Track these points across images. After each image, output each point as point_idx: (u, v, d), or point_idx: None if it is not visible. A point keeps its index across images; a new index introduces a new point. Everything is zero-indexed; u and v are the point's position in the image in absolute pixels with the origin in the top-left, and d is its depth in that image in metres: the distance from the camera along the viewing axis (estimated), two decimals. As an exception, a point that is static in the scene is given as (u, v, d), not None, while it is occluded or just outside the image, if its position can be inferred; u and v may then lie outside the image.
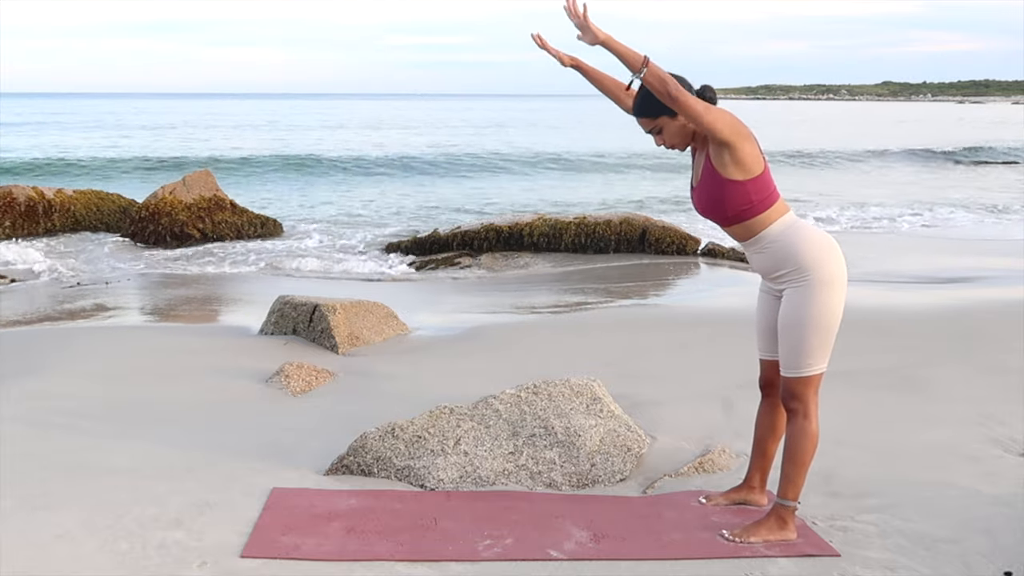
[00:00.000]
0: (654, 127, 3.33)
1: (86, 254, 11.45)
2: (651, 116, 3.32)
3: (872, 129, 49.93)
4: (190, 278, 10.08)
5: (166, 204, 12.55)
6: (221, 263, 11.10)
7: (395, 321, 6.73)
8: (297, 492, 3.73)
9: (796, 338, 3.27)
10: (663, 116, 3.29)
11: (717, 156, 3.23)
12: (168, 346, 6.27)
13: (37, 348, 6.18)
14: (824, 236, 3.34)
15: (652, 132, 3.36)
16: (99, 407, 4.88)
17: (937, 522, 3.49)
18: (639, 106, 3.34)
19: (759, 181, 3.24)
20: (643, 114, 3.33)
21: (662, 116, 3.29)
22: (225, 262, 11.16)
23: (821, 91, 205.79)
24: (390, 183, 21.83)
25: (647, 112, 3.32)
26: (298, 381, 5.36)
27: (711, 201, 3.31)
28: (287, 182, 21.36)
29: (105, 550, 3.16)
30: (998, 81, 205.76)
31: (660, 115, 3.29)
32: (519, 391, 4.13)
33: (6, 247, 11.37)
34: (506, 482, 3.87)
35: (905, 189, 21.54)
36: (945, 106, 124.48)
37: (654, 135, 3.36)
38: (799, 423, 3.33)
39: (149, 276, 10.22)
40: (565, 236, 11.65)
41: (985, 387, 5.26)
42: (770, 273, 3.37)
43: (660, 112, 3.29)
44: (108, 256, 11.36)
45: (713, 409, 4.84)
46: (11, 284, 9.46)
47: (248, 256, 11.55)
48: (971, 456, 4.24)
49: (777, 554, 3.24)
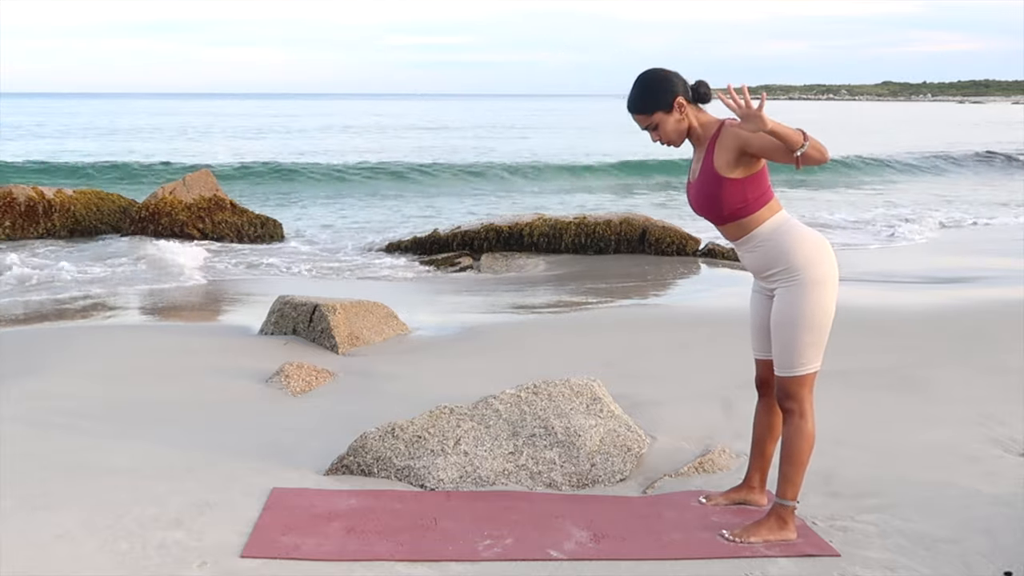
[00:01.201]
0: (650, 123, 3.33)
1: (86, 254, 11.44)
2: (646, 113, 3.32)
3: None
4: (190, 278, 10.07)
5: (166, 204, 12.55)
6: (221, 263, 11.09)
7: (395, 321, 6.73)
8: (297, 492, 3.73)
9: (789, 337, 3.27)
10: (658, 112, 3.29)
11: (728, 157, 3.22)
12: (168, 346, 6.27)
13: (37, 348, 6.18)
14: (816, 235, 3.33)
15: (648, 129, 3.35)
16: (99, 407, 4.88)
17: (937, 522, 3.49)
18: (633, 102, 3.33)
19: (755, 179, 3.25)
20: (638, 111, 3.33)
21: (657, 112, 3.29)
22: (225, 262, 11.15)
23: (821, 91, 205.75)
24: (389, 183, 21.81)
25: (642, 109, 3.32)
26: (298, 381, 5.36)
27: (707, 198, 3.31)
28: (286, 183, 21.31)
29: (105, 550, 3.16)
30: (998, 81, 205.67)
31: (655, 111, 3.29)
32: (519, 391, 4.13)
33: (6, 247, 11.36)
34: (506, 482, 3.87)
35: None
36: (947, 106, 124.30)
37: (650, 132, 3.36)
38: (795, 423, 3.33)
39: (149, 276, 10.21)
40: (565, 236, 11.65)
41: (985, 387, 5.27)
42: (762, 272, 3.37)
43: (655, 108, 3.28)
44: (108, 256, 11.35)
45: (713, 409, 4.84)
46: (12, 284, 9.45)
47: (248, 256, 11.55)
48: (971, 456, 4.24)
49: (777, 554, 3.24)
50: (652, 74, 3.33)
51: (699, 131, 3.32)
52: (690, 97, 3.31)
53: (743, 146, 3.18)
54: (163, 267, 10.34)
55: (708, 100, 3.34)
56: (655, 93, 3.29)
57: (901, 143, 34.96)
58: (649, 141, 3.43)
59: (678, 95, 3.28)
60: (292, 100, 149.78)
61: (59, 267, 10.21)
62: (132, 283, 9.66)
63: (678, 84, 3.30)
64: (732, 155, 3.21)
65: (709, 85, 3.33)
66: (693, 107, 3.32)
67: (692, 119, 3.31)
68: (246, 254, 11.68)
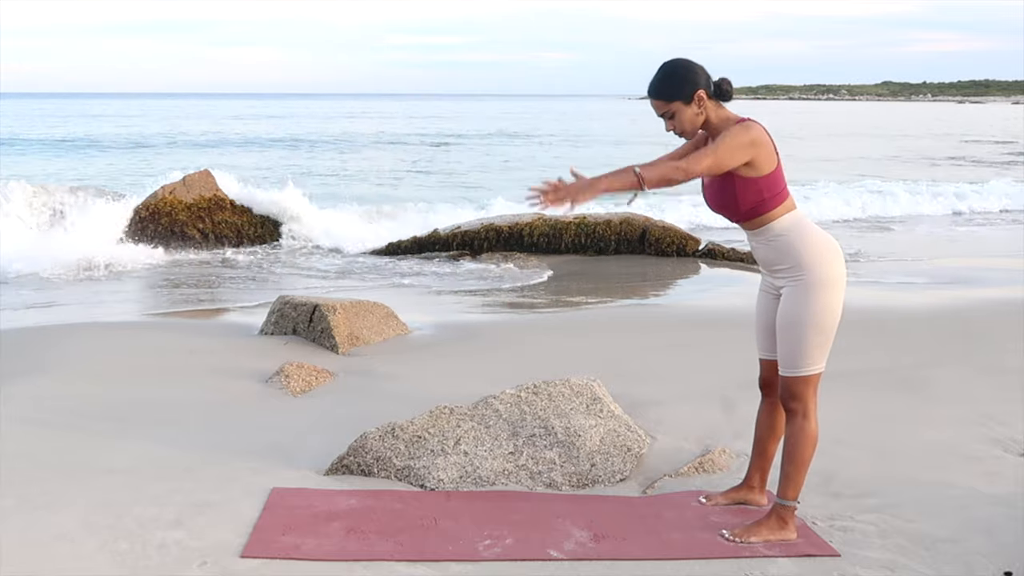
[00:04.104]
0: (667, 111, 3.31)
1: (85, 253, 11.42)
2: (665, 99, 3.30)
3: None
4: (190, 278, 10.08)
5: (166, 204, 12.53)
6: (221, 263, 11.09)
7: (395, 321, 6.73)
8: (297, 492, 3.73)
9: (795, 337, 3.27)
10: (677, 102, 3.28)
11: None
12: (168, 346, 6.26)
13: (37, 348, 6.18)
14: (827, 237, 3.34)
15: (664, 116, 3.34)
16: (99, 407, 4.88)
17: (937, 522, 3.49)
18: (655, 87, 3.31)
19: (771, 178, 3.25)
20: (658, 96, 3.31)
21: (676, 102, 3.28)
22: (225, 262, 11.15)
23: (821, 91, 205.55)
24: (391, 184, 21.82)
25: (662, 95, 3.30)
26: (298, 381, 5.36)
27: (724, 197, 3.31)
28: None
29: (105, 550, 3.16)
30: (998, 81, 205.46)
31: (675, 100, 3.28)
32: (519, 391, 4.13)
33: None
34: (506, 482, 3.87)
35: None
36: (947, 106, 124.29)
37: (665, 119, 3.34)
38: (798, 423, 3.33)
39: (149, 276, 10.21)
40: (565, 236, 11.64)
41: (985, 387, 5.27)
42: (771, 265, 3.37)
43: (675, 97, 3.27)
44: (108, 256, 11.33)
45: (713, 409, 4.84)
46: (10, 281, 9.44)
47: (248, 256, 11.54)
48: (971, 456, 4.25)
49: (777, 554, 3.24)
50: (677, 63, 3.32)
51: (716, 127, 3.31)
52: (711, 92, 3.30)
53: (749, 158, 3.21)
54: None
55: (729, 98, 3.32)
56: (677, 82, 3.28)
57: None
58: (652, 138, 3.43)
59: (699, 88, 3.27)
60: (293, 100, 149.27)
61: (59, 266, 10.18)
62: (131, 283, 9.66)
63: (701, 77, 3.28)
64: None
65: (732, 83, 3.33)
66: (713, 103, 3.31)
67: (711, 114, 3.30)
68: (246, 254, 11.69)
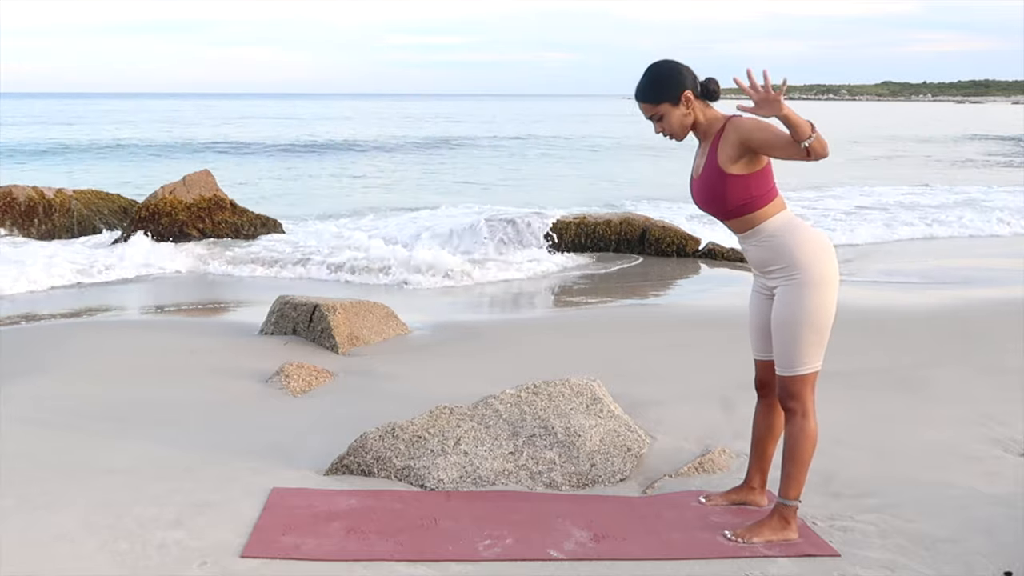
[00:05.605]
0: (655, 113, 3.32)
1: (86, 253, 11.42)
2: (652, 102, 3.30)
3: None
4: (190, 278, 10.07)
5: (166, 204, 12.53)
6: (221, 263, 11.08)
7: (395, 321, 6.73)
8: (297, 492, 3.73)
9: (790, 336, 3.27)
10: (665, 104, 3.28)
11: (730, 152, 3.21)
12: (168, 346, 6.27)
13: (37, 347, 6.18)
14: (820, 236, 3.34)
15: (653, 119, 3.34)
16: (99, 407, 4.88)
17: (937, 522, 3.49)
18: (641, 91, 3.32)
19: (760, 176, 3.24)
20: (645, 100, 3.32)
21: (664, 104, 3.28)
22: (225, 262, 11.14)
23: (821, 91, 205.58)
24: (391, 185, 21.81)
25: (649, 98, 3.31)
26: (298, 381, 5.36)
27: (712, 194, 3.30)
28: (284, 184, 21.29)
29: (105, 550, 3.16)
30: (998, 81, 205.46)
31: (662, 103, 3.29)
32: (519, 391, 4.13)
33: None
34: (506, 482, 3.87)
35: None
36: (946, 106, 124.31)
37: (654, 122, 3.35)
38: (798, 422, 3.33)
39: (149, 276, 10.21)
40: (565, 236, 11.64)
41: (985, 387, 5.27)
42: (764, 267, 3.37)
43: (662, 100, 3.28)
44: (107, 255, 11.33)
45: (713, 409, 4.84)
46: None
47: (248, 256, 11.53)
48: (971, 456, 4.24)
49: (777, 554, 3.24)
50: (663, 65, 3.33)
51: (704, 127, 3.31)
52: (698, 92, 3.30)
53: (745, 141, 3.17)
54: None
55: (716, 98, 3.33)
56: (663, 84, 3.28)
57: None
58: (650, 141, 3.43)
59: (686, 89, 3.27)
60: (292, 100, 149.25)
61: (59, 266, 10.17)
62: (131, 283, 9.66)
63: (687, 78, 3.28)
64: (735, 150, 3.20)
65: (719, 83, 3.33)
66: (701, 103, 3.31)
67: (699, 114, 3.31)
68: (246, 254, 11.68)
